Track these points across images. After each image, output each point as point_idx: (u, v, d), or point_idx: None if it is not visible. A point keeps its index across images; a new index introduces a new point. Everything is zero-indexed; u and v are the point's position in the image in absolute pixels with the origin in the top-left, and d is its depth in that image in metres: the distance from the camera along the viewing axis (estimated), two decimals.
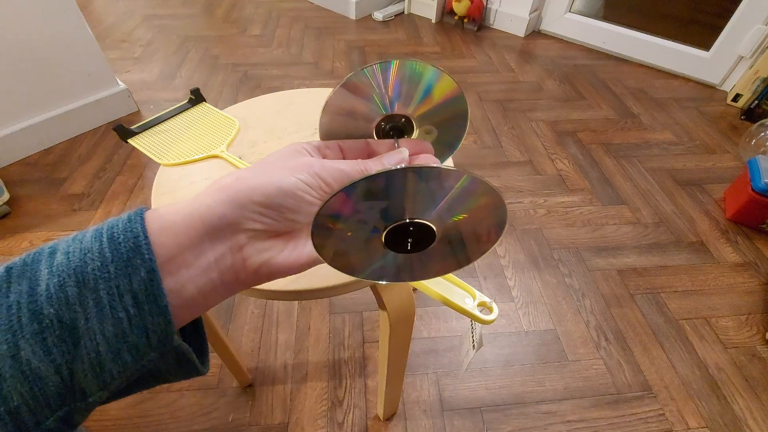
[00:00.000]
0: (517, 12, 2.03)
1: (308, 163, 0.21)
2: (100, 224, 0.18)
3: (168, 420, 0.80)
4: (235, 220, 0.19)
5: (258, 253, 0.20)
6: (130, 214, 0.18)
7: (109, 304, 0.16)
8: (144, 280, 0.17)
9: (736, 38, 1.63)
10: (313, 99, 0.65)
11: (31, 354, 0.16)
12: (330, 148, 0.25)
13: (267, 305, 0.97)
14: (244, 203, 0.19)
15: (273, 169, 0.20)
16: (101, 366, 0.17)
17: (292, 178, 0.20)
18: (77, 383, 0.17)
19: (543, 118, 1.56)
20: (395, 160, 0.24)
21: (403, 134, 0.27)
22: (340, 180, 0.22)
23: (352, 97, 0.25)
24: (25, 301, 0.16)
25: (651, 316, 0.98)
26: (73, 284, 0.16)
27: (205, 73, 1.73)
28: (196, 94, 0.62)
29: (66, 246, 0.17)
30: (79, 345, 0.16)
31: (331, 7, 2.26)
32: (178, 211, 0.19)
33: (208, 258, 0.19)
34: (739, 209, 1.17)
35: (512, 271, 1.06)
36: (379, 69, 0.23)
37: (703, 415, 0.83)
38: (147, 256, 0.17)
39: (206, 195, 0.19)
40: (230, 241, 0.19)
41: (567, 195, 1.27)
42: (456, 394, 0.84)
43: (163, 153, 0.54)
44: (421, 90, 0.25)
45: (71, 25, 1.26)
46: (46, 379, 0.16)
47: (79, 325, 0.16)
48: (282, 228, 0.21)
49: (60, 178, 1.25)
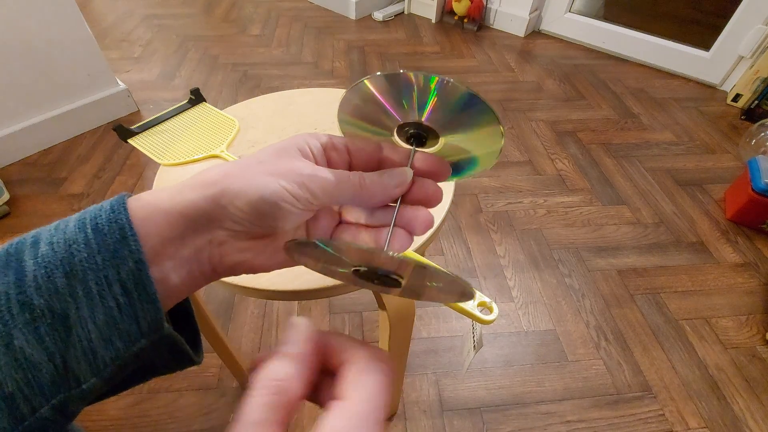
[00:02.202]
0: (517, 12, 2.03)
1: (298, 169, 0.20)
2: (81, 213, 0.18)
3: (167, 420, 0.79)
4: (216, 217, 0.19)
5: (236, 252, 0.20)
6: (112, 202, 0.18)
7: (99, 293, 0.17)
8: (132, 270, 0.17)
9: (736, 38, 1.63)
10: (313, 99, 0.65)
11: (24, 342, 0.16)
12: (336, 149, 0.23)
13: (267, 305, 0.97)
14: (225, 205, 0.19)
15: (259, 173, 0.19)
16: (94, 353, 0.17)
17: (276, 186, 0.19)
18: (71, 370, 0.17)
19: (543, 118, 1.56)
20: (396, 182, 0.22)
21: (424, 143, 0.24)
22: (330, 192, 0.21)
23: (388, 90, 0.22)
24: (13, 291, 0.16)
25: (651, 317, 0.98)
26: (61, 275, 0.16)
27: (205, 72, 1.73)
28: (195, 94, 0.62)
29: (49, 236, 0.17)
30: (71, 333, 0.16)
31: (331, 6, 2.26)
32: (160, 200, 0.19)
33: (188, 250, 0.19)
34: (739, 209, 1.17)
35: (512, 271, 1.06)
36: (432, 82, 0.20)
37: (703, 415, 0.83)
38: (134, 246, 0.17)
39: (191, 189, 0.19)
40: (210, 235, 0.19)
41: (567, 195, 1.27)
42: (456, 395, 0.84)
43: (162, 153, 0.54)
44: (462, 124, 0.23)
45: (71, 25, 1.26)
46: (39, 366, 0.16)
47: (71, 314, 0.16)
48: (262, 232, 0.20)
49: (59, 178, 1.25)
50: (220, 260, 0.20)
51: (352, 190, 0.21)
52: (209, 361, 0.87)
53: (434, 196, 0.23)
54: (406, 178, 0.22)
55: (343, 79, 1.74)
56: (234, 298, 0.98)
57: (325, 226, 0.24)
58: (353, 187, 0.21)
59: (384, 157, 0.23)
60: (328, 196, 0.21)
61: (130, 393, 0.83)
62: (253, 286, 0.41)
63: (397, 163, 0.23)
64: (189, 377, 0.85)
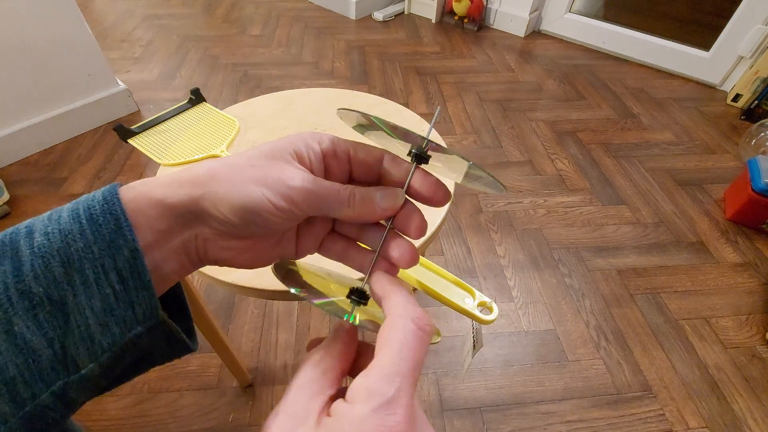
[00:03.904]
0: (517, 12, 2.03)
1: (287, 179, 0.20)
2: (73, 203, 0.19)
3: (168, 420, 0.80)
4: (200, 216, 0.20)
5: (219, 250, 0.21)
6: (104, 193, 0.18)
7: (96, 281, 0.17)
8: (128, 258, 0.18)
9: (736, 38, 1.63)
10: (313, 99, 0.65)
11: (24, 328, 0.17)
12: (337, 156, 0.22)
13: (267, 305, 0.97)
14: (209, 207, 0.19)
15: (246, 179, 0.19)
16: (91, 338, 0.17)
17: (260, 195, 0.19)
18: (69, 356, 0.17)
19: (543, 118, 1.56)
20: (385, 205, 0.21)
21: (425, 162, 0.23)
22: (316, 207, 0.20)
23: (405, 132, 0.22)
24: (11, 280, 0.17)
25: (651, 317, 0.98)
26: (58, 264, 0.17)
27: (205, 73, 1.73)
28: (196, 94, 0.62)
29: (43, 226, 0.18)
30: (69, 320, 0.17)
31: (331, 7, 2.26)
32: (151, 192, 0.19)
33: (177, 241, 0.20)
34: (739, 209, 1.17)
35: (512, 271, 1.06)
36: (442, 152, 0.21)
37: (703, 415, 0.83)
38: (129, 236, 0.18)
39: (179, 185, 0.19)
40: (196, 229, 0.20)
41: (567, 195, 1.27)
42: (456, 394, 0.84)
43: (163, 153, 0.54)
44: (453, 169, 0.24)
45: (71, 25, 1.26)
46: (39, 351, 0.17)
47: (68, 302, 0.17)
48: (245, 235, 0.21)
49: (60, 178, 1.25)
50: (205, 253, 0.21)
51: (339, 206, 0.21)
52: (209, 361, 0.87)
53: (417, 229, 0.22)
54: (397, 202, 0.22)
55: (343, 79, 1.74)
56: (234, 298, 0.99)
57: (317, 232, 0.24)
58: (341, 204, 0.21)
59: (384, 170, 0.22)
60: (313, 210, 0.21)
61: (131, 393, 0.83)
62: (253, 286, 0.41)
63: (397, 178, 0.22)
64: (189, 377, 0.85)
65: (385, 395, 0.16)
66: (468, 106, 1.61)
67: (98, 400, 0.81)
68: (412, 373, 0.17)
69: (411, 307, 0.20)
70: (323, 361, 0.20)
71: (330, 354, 0.21)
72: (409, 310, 0.19)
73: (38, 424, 0.17)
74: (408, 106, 1.06)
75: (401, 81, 1.73)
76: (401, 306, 0.20)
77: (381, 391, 0.16)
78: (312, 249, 0.24)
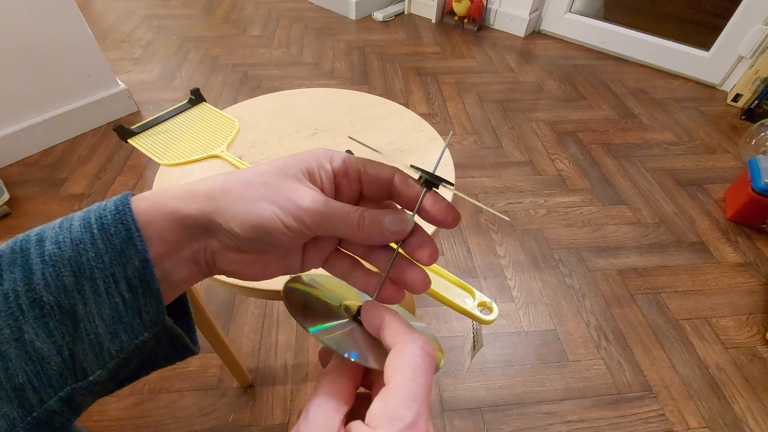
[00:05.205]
0: (517, 12, 2.03)
1: (298, 199, 0.20)
2: (85, 212, 0.19)
3: (168, 420, 0.79)
4: (211, 230, 0.20)
5: (227, 263, 0.21)
6: (116, 202, 0.19)
7: (106, 291, 0.18)
8: (138, 268, 0.18)
9: (736, 38, 1.63)
10: (313, 99, 0.65)
11: (34, 336, 0.17)
12: (348, 176, 0.22)
13: (267, 305, 0.97)
14: (220, 223, 0.19)
15: (257, 197, 0.19)
16: (100, 346, 0.18)
17: (270, 214, 0.19)
18: (78, 363, 0.18)
19: (543, 119, 1.56)
20: (394, 229, 0.21)
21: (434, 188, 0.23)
22: (325, 228, 0.21)
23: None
24: (22, 289, 0.17)
25: (651, 317, 0.98)
26: (69, 273, 0.17)
27: (205, 73, 1.73)
28: (196, 95, 0.62)
29: (54, 234, 0.18)
30: (78, 328, 0.17)
31: (331, 7, 2.26)
32: (163, 204, 0.19)
33: (187, 252, 0.20)
34: (740, 209, 1.17)
35: (512, 272, 1.06)
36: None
37: (703, 415, 0.83)
38: (140, 246, 0.18)
39: (192, 197, 0.20)
40: (206, 242, 0.20)
41: (567, 195, 1.27)
42: (456, 395, 0.84)
43: (163, 153, 0.54)
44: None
45: (71, 26, 1.26)
46: (48, 358, 0.17)
47: (78, 310, 0.17)
48: (253, 250, 0.21)
49: (60, 178, 1.25)
50: (214, 264, 0.21)
51: (348, 227, 0.21)
52: (209, 362, 0.87)
53: (430, 257, 0.22)
54: (406, 227, 0.22)
55: (343, 79, 1.74)
56: (234, 298, 0.98)
57: (323, 248, 0.24)
58: (350, 226, 0.21)
59: (395, 189, 0.22)
60: (322, 230, 0.21)
61: (131, 393, 0.83)
62: (254, 286, 0.41)
63: (407, 199, 0.22)
64: (190, 378, 0.85)
65: (405, 420, 0.17)
66: (468, 106, 1.61)
67: (99, 401, 0.80)
68: (425, 397, 0.18)
69: (414, 334, 0.20)
70: (336, 380, 0.21)
71: (341, 373, 0.21)
72: (415, 337, 0.20)
73: (45, 428, 0.18)
74: (408, 107, 1.06)
75: (401, 81, 1.73)
76: (406, 333, 0.20)
77: (401, 416, 0.17)
78: (317, 264, 0.24)
